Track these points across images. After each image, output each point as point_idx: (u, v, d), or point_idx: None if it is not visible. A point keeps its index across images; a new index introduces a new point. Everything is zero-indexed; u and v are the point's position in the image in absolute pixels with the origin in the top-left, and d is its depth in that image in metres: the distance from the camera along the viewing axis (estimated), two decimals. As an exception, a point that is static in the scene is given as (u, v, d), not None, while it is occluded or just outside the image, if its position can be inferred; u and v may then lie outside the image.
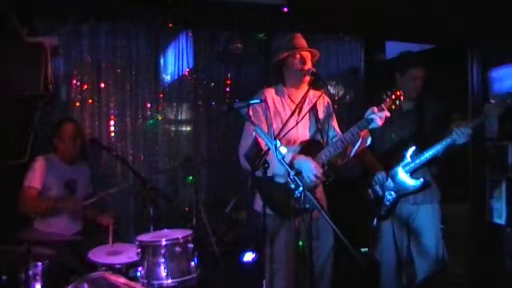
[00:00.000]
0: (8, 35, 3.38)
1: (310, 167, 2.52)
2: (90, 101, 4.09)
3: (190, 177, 4.04)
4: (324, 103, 2.84)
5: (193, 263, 2.81)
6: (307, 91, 2.72)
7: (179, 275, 2.73)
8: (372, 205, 3.19)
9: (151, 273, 2.71)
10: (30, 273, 2.42)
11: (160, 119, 4.32)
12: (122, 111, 4.19)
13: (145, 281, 2.69)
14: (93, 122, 4.09)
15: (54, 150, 3.38)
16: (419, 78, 3.13)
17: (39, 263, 2.45)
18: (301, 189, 2.28)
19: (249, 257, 3.95)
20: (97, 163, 4.04)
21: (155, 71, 4.33)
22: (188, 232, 2.92)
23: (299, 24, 4.19)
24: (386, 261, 3.23)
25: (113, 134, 4.17)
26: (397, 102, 2.51)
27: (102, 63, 4.12)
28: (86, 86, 4.07)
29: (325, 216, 2.15)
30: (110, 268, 2.72)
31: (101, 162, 4.07)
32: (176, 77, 4.40)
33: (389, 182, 3.10)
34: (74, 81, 4.04)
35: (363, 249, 4.03)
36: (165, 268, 2.71)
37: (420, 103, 3.21)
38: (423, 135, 3.10)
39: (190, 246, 2.82)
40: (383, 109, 2.50)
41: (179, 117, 4.45)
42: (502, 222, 3.96)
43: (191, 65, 4.42)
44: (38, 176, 3.21)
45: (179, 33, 4.38)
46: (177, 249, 2.76)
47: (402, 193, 3.09)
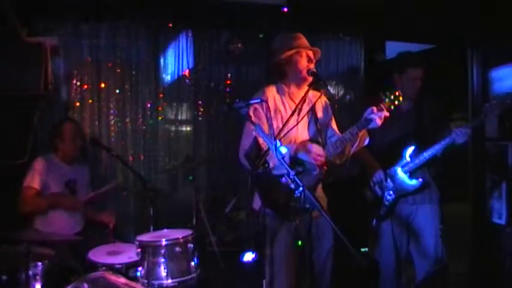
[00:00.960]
0: (8, 35, 3.38)
1: (312, 150, 2.55)
2: (90, 101, 4.09)
3: (191, 177, 4.04)
4: (323, 103, 2.84)
5: (193, 263, 2.80)
6: (307, 91, 2.71)
7: (179, 275, 2.73)
8: (372, 205, 3.19)
9: (151, 273, 2.71)
10: (30, 273, 2.42)
11: (160, 119, 4.32)
12: (122, 111, 4.19)
13: (145, 281, 2.69)
14: (93, 122, 4.10)
15: (54, 150, 3.38)
16: (418, 78, 3.13)
17: (39, 263, 2.45)
18: (301, 189, 2.28)
19: (249, 257, 3.95)
20: (97, 163, 4.04)
21: (155, 71, 4.33)
22: (188, 232, 2.91)
23: (299, 24, 4.20)
24: (386, 261, 3.23)
25: (113, 134, 4.17)
26: (396, 102, 2.50)
27: (102, 63, 4.13)
28: (86, 86, 4.08)
29: (325, 216, 2.15)
30: (110, 268, 2.72)
31: (101, 162, 4.07)
32: (176, 77, 4.40)
33: (388, 182, 3.10)
34: (74, 81, 4.04)
35: (362, 249, 4.03)
36: (165, 268, 2.71)
37: (420, 103, 3.21)
38: (422, 135, 3.10)
39: (190, 246, 2.82)
40: (382, 109, 2.49)
41: (179, 117, 4.45)
42: (502, 222, 3.96)
43: (191, 65, 4.42)
44: (37, 176, 3.21)
45: (179, 33, 4.38)
46: (177, 249, 2.76)
47: (401, 193, 3.09)
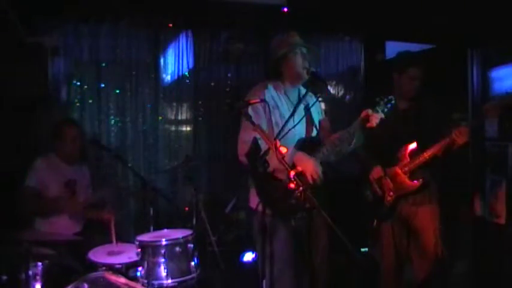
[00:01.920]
0: (8, 35, 3.38)
1: (313, 166, 2.54)
2: (90, 101, 4.09)
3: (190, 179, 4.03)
4: (317, 104, 2.85)
5: (193, 263, 2.80)
6: (306, 93, 2.73)
7: (179, 275, 2.73)
8: (372, 205, 3.19)
9: (151, 273, 2.71)
10: (30, 273, 2.42)
11: (160, 119, 4.32)
12: (122, 111, 4.19)
13: (145, 280, 2.69)
14: (93, 122, 4.10)
15: (55, 151, 3.38)
16: (417, 78, 3.13)
17: (39, 263, 2.45)
18: (301, 188, 2.28)
19: (249, 257, 3.96)
20: (97, 163, 4.04)
21: (155, 71, 4.33)
22: (188, 232, 2.92)
23: (299, 24, 4.20)
24: (386, 261, 3.23)
25: (112, 134, 4.17)
26: (389, 105, 2.56)
27: (102, 63, 4.13)
28: (86, 86, 4.08)
29: (325, 215, 2.15)
30: (110, 268, 2.72)
31: (101, 162, 4.07)
32: (176, 77, 4.41)
33: (388, 182, 3.10)
34: (74, 81, 4.04)
35: (362, 249, 4.03)
36: (165, 268, 2.71)
37: (419, 103, 3.21)
38: (422, 135, 3.10)
39: (190, 246, 2.82)
40: (377, 111, 2.55)
41: (179, 117, 4.45)
42: (502, 222, 3.96)
43: (191, 65, 4.42)
44: (37, 177, 3.21)
45: (179, 33, 4.39)
46: (177, 249, 2.76)
47: (402, 193, 3.09)
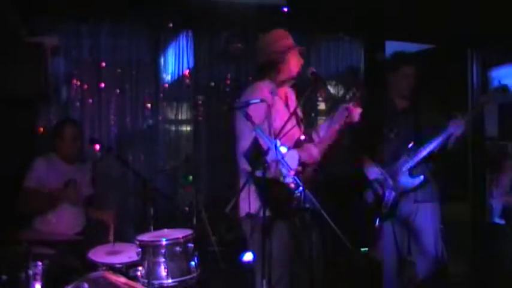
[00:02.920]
0: (8, 35, 3.38)
1: (311, 152, 2.56)
2: (90, 101, 4.09)
3: (190, 177, 4.04)
4: (294, 97, 2.86)
5: (193, 263, 2.80)
6: (305, 92, 2.74)
7: (179, 275, 2.73)
8: (373, 205, 3.19)
9: (151, 273, 2.71)
10: (30, 273, 2.41)
11: (160, 119, 4.32)
12: (122, 111, 4.19)
13: (146, 280, 2.69)
14: (93, 122, 4.09)
15: (55, 150, 3.38)
16: (410, 75, 3.16)
17: (39, 263, 2.45)
18: (301, 188, 2.28)
19: (249, 257, 3.95)
20: (97, 163, 4.04)
21: (155, 71, 4.33)
22: (188, 232, 2.91)
23: (299, 24, 4.20)
24: (388, 261, 3.23)
25: (113, 134, 4.17)
26: (358, 95, 2.67)
27: (102, 63, 4.12)
28: (86, 86, 4.08)
29: (325, 215, 2.15)
30: (110, 268, 2.71)
31: (101, 162, 4.07)
32: (176, 77, 4.41)
33: (388, 180, 3.10)
34: (74, 81, 4.04)
35: (362, 249, 4.03)
36: (165, 268, 2.71)
37: (416, 102, 3.22)
38: (420, 133, 3.10)
39: (190, 246, 2.82)
40: (356, 105, 2.57)
41: (179, 117, 4.45)
42: (502, 222, 3.96)
43: (191, 65, 4.42)
44: (36, 177, 3.21)
45: (179, 33, 4.38)
46: (177, 249, 2.76)
47: (402, 191, 3.09)
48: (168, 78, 4.41)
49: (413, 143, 3.07)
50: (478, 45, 4.43)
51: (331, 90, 4.73)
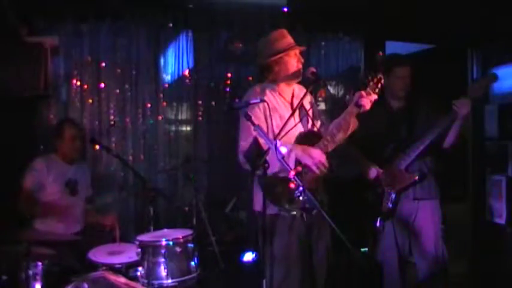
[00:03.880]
0: (8, 35, 3.38)
1: (318, 156, 2.53)
2: (90, 101, 4.09)
3: (192, 177, 4.03)
4: (309, 98, 2.86)
5: (193, 263, 2.81)
6: (306, 92, 2.74)
7: (179, 275, 2.73)
8: (373, 206, 3.19)
9: (151, 273, 2.71)
10: (30, 273, 2.42)
11: (160, 119, 4.32)
12: (122, 111, 4.19)
13: (146, 280, 2.69)
14: (93, 122, 4.09)
15: (55, 150, 3.38)
16: (404, 77, 3.18)
17: (39, 263, 2.45)
18: (301, 188, 2.28)
19: (249, 257, 3.95)
20: (97, 163, 4.04)
21: (155, 71, 4.32)
22: (188, 232, 2.92)
23: (299, 24, 4.21)
24: (389, 261, 3.23)
25: (113, 134, 4.16)
26: (379, 86, 2.63)
27: (102, 63, 4.12)
28: (86, 86, 4.07)
29: (325, 215, 2.15)
30: (110, 268, 2.71)
31: (101, 162, 4.07)
32: (176, 76, 4.40)
33: (388, 180, 3.10)
34: (74, 81, 4.04)
35: (362, 249, 4.03)
36: (165, 268, 2.71)
37: (411, 103, 3.23)
38: (418, 134, 3.10)
39: (190, 246, 2.82)
40: (370, 93, 2.58)
41: (179, 117, 4.45)
42: (502, 222, 3.96)
43: (191, 65, 4.42)
44: (35, 177, 3.21)
45: (179, 33, 4.38)
46: (177, 249, 2.76)
47: (401, 187, 3.09)
48: (168, 78, 4.40)
49: (410, 143, 3.08)
50: (478, 45, 4.43)
51: (331, 90, 4.73)
